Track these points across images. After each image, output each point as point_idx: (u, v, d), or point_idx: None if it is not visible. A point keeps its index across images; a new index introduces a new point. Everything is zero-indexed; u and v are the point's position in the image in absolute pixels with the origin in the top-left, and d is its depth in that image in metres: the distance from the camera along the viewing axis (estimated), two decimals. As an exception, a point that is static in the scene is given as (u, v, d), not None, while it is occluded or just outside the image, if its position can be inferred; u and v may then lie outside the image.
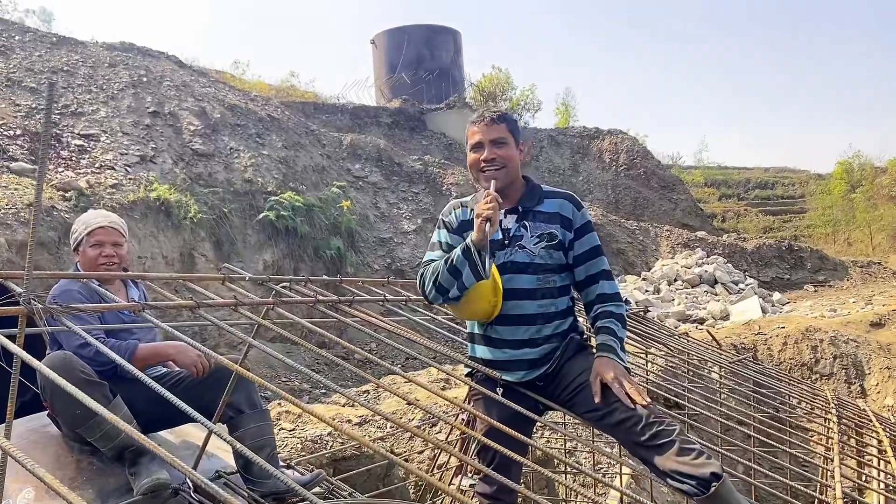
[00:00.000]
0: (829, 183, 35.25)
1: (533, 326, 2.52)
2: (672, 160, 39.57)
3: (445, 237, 2.62)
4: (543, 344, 2.53)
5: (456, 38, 32.67)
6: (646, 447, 2.18)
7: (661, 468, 2.14)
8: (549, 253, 2.53)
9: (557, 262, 2.56)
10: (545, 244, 2.53)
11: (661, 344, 4.52)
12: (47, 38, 16.73)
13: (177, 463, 1.36)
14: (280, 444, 7.08)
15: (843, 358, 9.71)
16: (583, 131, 29.64)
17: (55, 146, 12.42)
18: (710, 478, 2.04)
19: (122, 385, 2.71)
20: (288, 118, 18.82)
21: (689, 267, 17.86)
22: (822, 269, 20.46)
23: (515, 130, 2.61)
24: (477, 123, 2.59)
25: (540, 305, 2.53)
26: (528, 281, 2.52)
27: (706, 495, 2.04)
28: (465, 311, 2.57)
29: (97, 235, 2.93)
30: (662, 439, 2.14)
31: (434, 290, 2.50)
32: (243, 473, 2.75)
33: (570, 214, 2.58)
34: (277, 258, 13.87)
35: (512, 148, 2.57)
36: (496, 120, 2.56)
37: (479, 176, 2.58)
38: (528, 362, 2.53)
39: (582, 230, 2.59)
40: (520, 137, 2.63)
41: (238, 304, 2.02)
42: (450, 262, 2.44)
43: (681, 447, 2.12)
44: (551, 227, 2.55)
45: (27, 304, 1.54)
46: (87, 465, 2.70)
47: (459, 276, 2.43)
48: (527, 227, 2.55)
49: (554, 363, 2.51)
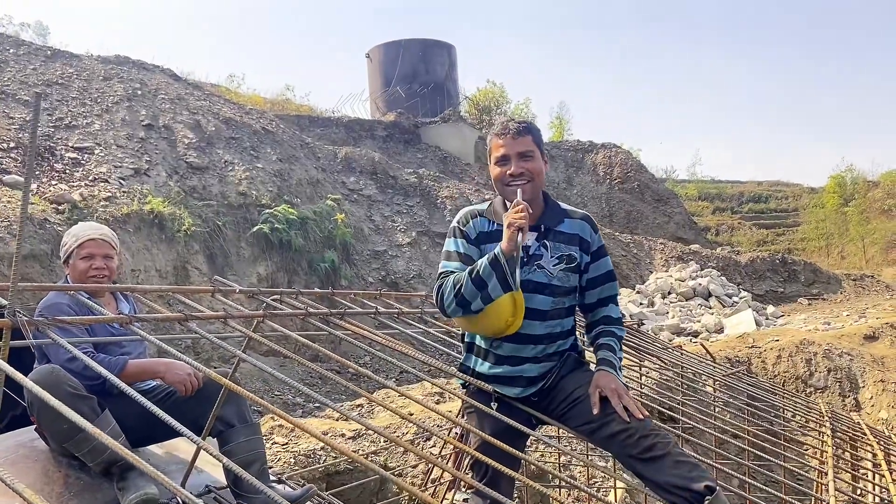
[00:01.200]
0: (821, 196, 35.45)
1: (539, 346, 2.49)
2: (666, 174, 39.77)
3: (464, 247, 2.51)
4: (544, 361, 2.51)
5: (450, 52, 32.81)
6: (640, 460, 2.16)
7: (655, 481, 2.13)
8: (566, 275, 2.48)
9: (573, 284, 2.51)
10: (564, 266, 2.48)
11: (654, 357, 4.51)
12: (42, 52, 16.74)
13: (164, 480, 1.34)
14: (273, 459, 7.03)
15: (838, 371, 9.71)
16: (577, 145, 29.78)
17: (49, 159, 12.40)
18: (703, 491, 2.03)
19: (111, 400, 2.68)
20: (283, 131, 18.84)
21: (682, 280, 17.89)
22: (816, 283, 20.52)
23: (540, 142, 2.53)
24: (502, 136, 2.48)
25: (548, 326, 2.49)
26: (543, 302, 2.46)
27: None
28: (478, 326, 2.48)
29: (87, 248, 2.91)
30: (656, 452, 2.13)
31: (455, 302, 2.38)
32: (233, 488, 2.73)
33: (588, 237, 2.53)
34: (271, 271, 13.84)
35: (539, 161, 2.49)
36: (522, 132, 2.47)
37: (504, 190, 2.48)
38: (527, 379, 2.50)
39: (597, 254, 2.55)
40: (543, 148, 2.55)
41: (227, 317, 2.00)
42: (475, 273, 2.34)
43: (675, 460, 2.11)
44: (571, 248, 2.49)
45: (12, 316, 1.52)
46: (76, 481, 2.66)
47: (485, 288, 2.33)
48: (547, 247, 2.48)
49: (551, 379, 2.50)
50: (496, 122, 2.63)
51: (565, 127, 37.93)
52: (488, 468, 2.29)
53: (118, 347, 2.96)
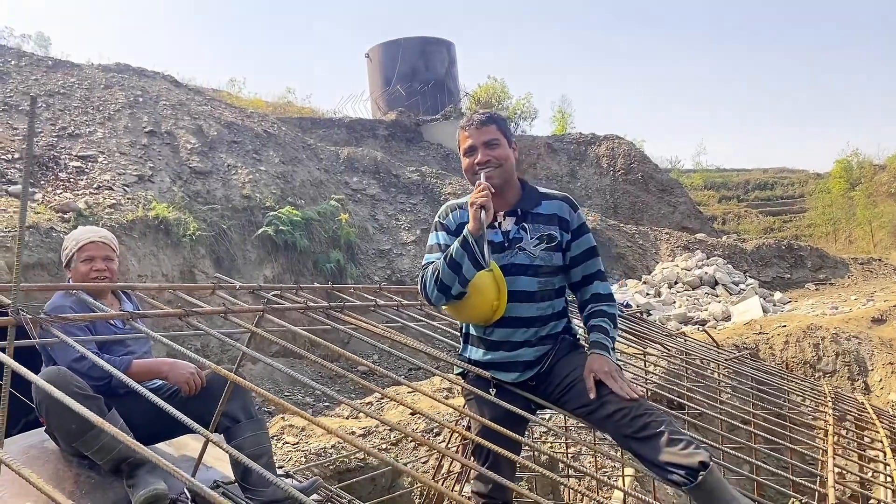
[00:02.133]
0: (828, 182, 35.28)
1: (531, 329, 2.52)
2: (671, 164, 39.67)
3: (444, 239, 2.58)
4: (538, 345, 2.53)
5: (450, 49, 32.81)
6: (635, 439, 2.19)
7: (651, 459, 2.15)
8: (549, 255, 2.52)
9: (556, 263, 2.55)
10: (545, 245, 2.52)
11: (658, 344, 4.53)
12: (43, 62, 16.84)
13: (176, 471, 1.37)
14: (284, 458, 7.08)
15: (846, 355, 9.69)
16: (579, 137, 29.72)
17: (53, 168, 12.48)
18: (698, 466, 2.05)
19: (117, 400, 2.72)
20: (285, 133, 18.90)
21: (689, 269, 17.87)
22: (823, 268, 20.45)
23: (506, 130, 2.60)
24: (467, 128, 2.57)
25: (539, 308, 2.53)
26: (529, 283, 2.51)
27: (694, 484, 2.05)
28: (464, 313, 2.54)
29: (88, 250, 2.95)
30: (651, 431, 2.15)
31: (436, 288, 2.45)
32: (241, 483, 2.76)
33: (567, 216, 2.58)
34: (278, 273, 13.90)
35: (505, 148, 2.55)
36: (486, 122, 2.55)
37: (474, 179, 2.54)
38: (523, 364, 2.53)
39: (578, 231, 2.59)
40: (511, 136, 2.61)
41: (228, 312, 2.03)
42: (449, 257, 2.42)
43: (670, 438, 2.13)
44: (550, 228, 2.54)
45: (15, 314, 1.56)
46: (86, 479, 2.70)
47: (460, 270, 2.39)
48: (526, 230, 2.54)
49: (546, 363, 2.52)
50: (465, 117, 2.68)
51: (568, 120, 37.89)
52: (489, 453, 2.32)
53: (122, 347, 3.00)
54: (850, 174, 34.59)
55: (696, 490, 2.06)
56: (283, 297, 2.55)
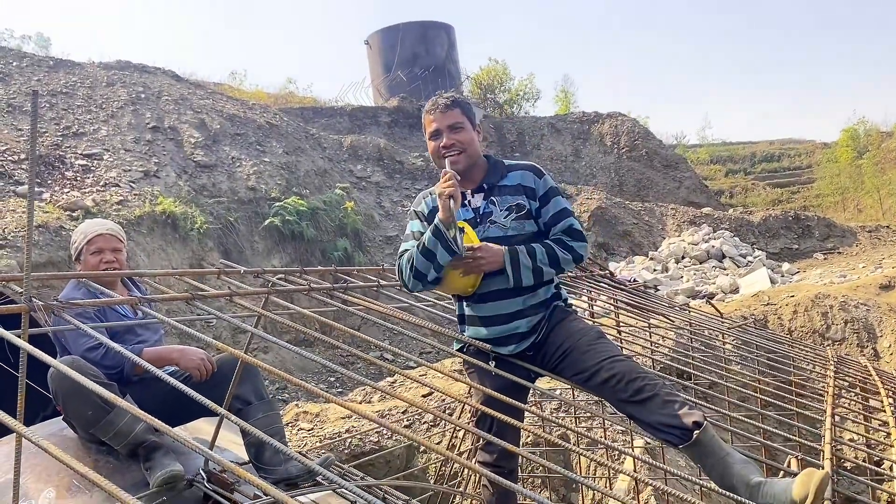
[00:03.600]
0: (835, 151, 34.99)
1: (518, 298, 2.58)
2: (676, 140, 39.44)
3: (418, 227, 2.67)
4: (531, 315, 2.59)
5: (449, 32, 32.65)
6: (631, 403, 2.25)
7: (647, 421, 2.21)
8: (520, 224, 2.60)
9: (530, 231, 2.62)
10: (515, 215, 2.60)
11: (662, 316, 4.57)
12: (45, 62, 16.91)
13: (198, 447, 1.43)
14: (299, 444, 7.18)
15: (854, 322, 9.70)
16: (582, 116, 29.57)
17: (59, 167, 12.58)
18: (692, 426, 2.11)
19: (130, 388, 2.80)
20: (287, 124, 18.93)
21: (695, 244, 17.85)
22: (831, 237, 20.38)
23: (470, 113, 2.68)
24: (432, 112, 2.65)
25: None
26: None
27: (689, 442, 2.11)
28: (448, 287, 2.64)
29: (96, 243, 3.02)
30: (646, 394, 2.21)
31: (412, 276, 2.56)
32: (255, 462, 2.83)
33: (532, 184, 2.65)
34: (286, 262, 13.99)
35: (469, 131, 2.63)
36: (450, 106, 2.63)
37: (440, 163, 2.65)
38: (518, 335, 2.59)
39: (546, 196, 2.65)
40: (475, 118, 2.69)
41: (233, 294, 2.09)
42: (422, 246, 2.51)
43: (663, 400, 2.19)
44: (518, 198, 2.62)
45: (28, 301, 1.62)
46: (105, 464, 2.78)
47: (434, 258, 2.49)
48: (495, 203, 2.62)
49: (541, 332, 2.58)
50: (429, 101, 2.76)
51: (571, 99, 37.68)
52: (493, 423, 2.39)
53: (134, 336, 3.07)
54: (858, 142, 34.28)
55: (692, 448, 2.12)
56: (287, 280, 2.60)
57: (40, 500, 2.62)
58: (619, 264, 17.55)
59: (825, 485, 1.91)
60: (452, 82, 30.41)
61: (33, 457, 2.66)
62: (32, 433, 2.53)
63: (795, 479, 1.96)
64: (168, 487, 2.56)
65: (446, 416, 1.87)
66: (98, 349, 2.75)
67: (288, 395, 10.57)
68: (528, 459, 2.15)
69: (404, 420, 7.61)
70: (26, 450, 2.37)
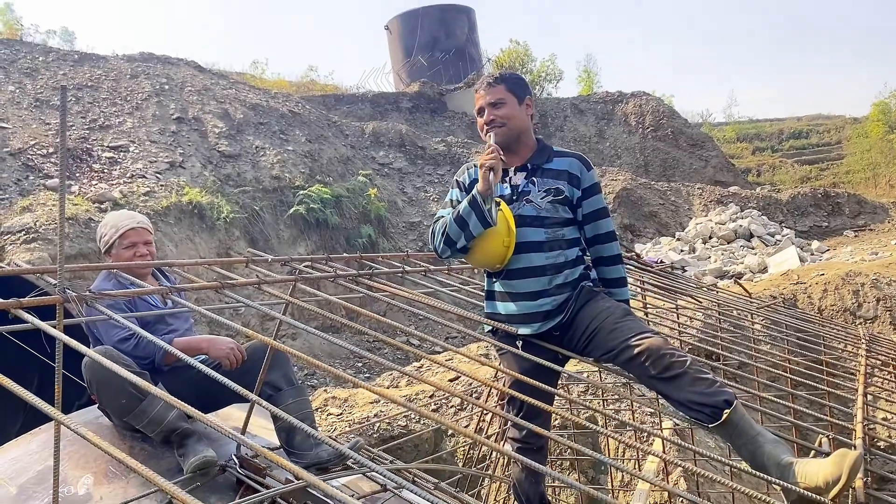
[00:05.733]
0: (865, 126, 34.25)
1: (544, 277, 2.61)
2: (702, 118, 38.90)
3: (457, 196, 2.73)
4: (556, 294, 2.61)
5: (470, 15, 32.43)
6: (660, 380, 2.24)
7: (677, 398, 2.21)
8: (554, 207, 2.62)
9: (564, 215, 2.65)
10: (551, 198, 2.63)
11: (689, 297, 4.54)
12: (70, 56, 17.11)
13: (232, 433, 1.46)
14: (329, 429, 7.27)
15: (887, 300, 9.53)
16: (606, 96, 29.27)
17: (87, 160, 12.76)
18: (722, 405, 2.10)
19: (161, 377, 2.85)
20: (309, 112, 18.99)
21: (723, 223, 17.64)
22: (861, 214, 20.00)
23: (517, 88, 2.71)
24: (479, 89, 2.74)
25: (548, 257, 2.62)
26: (536, 234, 2.61)
27: (719, 422, 2.10)
28: (478, 257, 2.67)
29: (129, 237, 3.06)
30: (675, 371, 2.21)
31: (442, 241, 2.63)
32: (286, 447, 2.87)
33: (578, 173, 2.68)
34: (311, 250, 14.09)
35: (512, 107, 2.67)
36: (494, 83, 2.69)
37: (484, 138, 2.70)
38: (543, 314, 2.61)
39: (590, 190, 2.69)
40: (524, 93, 2.71)
41: (261, 282, 2.12)
42: (457, 213, 2.57)
43: (693, 377, 2.18)
44: (558, 182, 2.65)
45: (62, 293, 1.66)
46: (140, 451, 2.84)
47: (466, 227, 2.54)
48: (535, 183, 2.65)
49: (568, 313, 2.59)
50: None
51: (594, 80, 37.31)
52: (522, 403, 2.40)
53: (164, 326, 3.12)
54: (889, 116, 33.53)
55: (722, 427, 2.11)
56: (313, 267, 2.63)
57: (78, 486, 2.69)
58: (645, 246, 17.41)
59: (858, 465, 1.89)
60: (474, 65, 30.25)
61: (70, 444, 2.72)
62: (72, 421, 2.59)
63: (828, 458, 1.94)
64: (201, 473, 2.60)
65: (473, 399, 1.88)
66: (130, 340, 2.80)
67: (317, 381, 10.68)
68: (556, 442, 2.15)
69: (432, 404, 7.66)
70: (64, 437, 2.43)
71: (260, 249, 13.70)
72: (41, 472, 2.69)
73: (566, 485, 4.21)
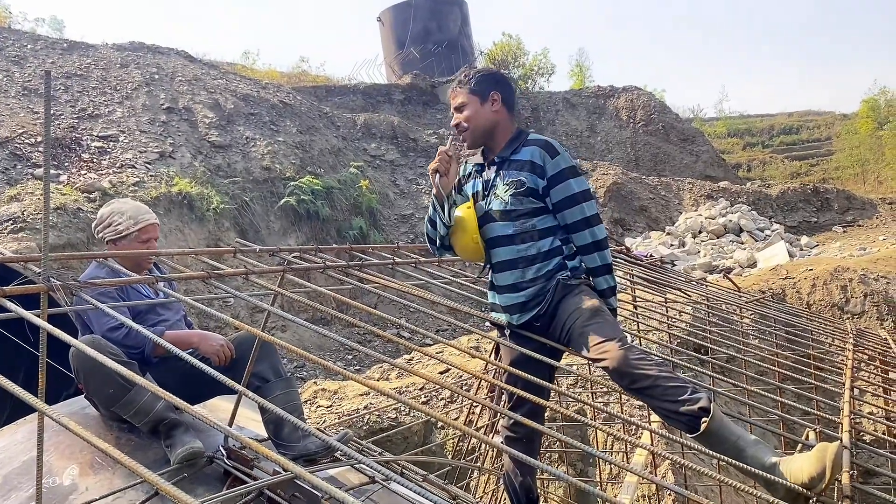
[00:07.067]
0: (854, 122, 34.42)
1: (517, 270, 2.62)
2: (693, 113, 39.00)
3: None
4: (528, 287, 2.61)
5: (462, 7, 32.31)
6: (632, 391, 2.23)
7: (653, 408, 2.20)
8: (518, 199, 2.61)
9: (530, 206, 2.61)
10: (513, 191, 2.62)
11: (678, 290, 4.55)
12: (58, 45, 16.96)
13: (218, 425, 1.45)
14: (318, 421, 7.26)
15: (874, 295, 9.60)
16: (598, 91, 29.28)
17: (76, 149, 12.66)
18: (698, 413, 2.09)
19: (150, 368, 2.83)
20: (301, 103, 18.90)
21: (713, 218, 17.70)
22: (851, 209, 20.12)
23: (480, 87, 2.70)
24: (450, 90, 2.81)
25: (519, 250, 2.62)
26: (504, 227, 2.64)
27: (699, 433, 2.09)
28: (459, 252, 2.80)
29: (148, 232, 3.07)
30: (642, 383, 2.19)
31: (428, 240, 2.82)
32: (274, 439, 2.86)
33: (541, 161, 2.60)
34: (302, 242, 14.05)
35: (473, 108, 2.69)
36: (457, 86, 2.75)
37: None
38: (519, 305, 2.64)
39: (557, 178, 2.60)
40: (488, 90, 2.68)
41: (249, 273, 2.10)
42: (427, 216, 2.77)
43: (665, 387, 2.16)
44: (521, 174, 2.62)
45: (46, 281, 1.64)
46: (126, 441, 2.82)
47: (435, 226, 2.73)
48: (501, 176, 2.67)
49: (545, 305, 2.57)
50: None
51: (585, 74, 37.28)
52: (512, 395, 2.41)
53: (155, 317, 3.10)
54: (878, 113, 33.69)
55: (702, 437, 2.10)
56: (303, 258, 2.61)
57: (64, 476, 2.67)
58: (635, 240, 17.45)
59: (840, 457, 1.89)
60: (466, 58, 30.15)
61: (56, 435, 2.70)
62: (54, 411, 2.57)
63: (809, 454, 1.93)
64: (189, 464, 2.59)
65: (463, 391, 1.88)
66: (120, 329, 2.79)
67: (306, 373, 10.66)
68: (545, 434, 2.15)
69: (422, 396, 7.67)
70: (49, 428, 2.41)
71: (250, 241, 13.67)
72: (26, 463, 2.67)
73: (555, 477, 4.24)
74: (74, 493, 2.50)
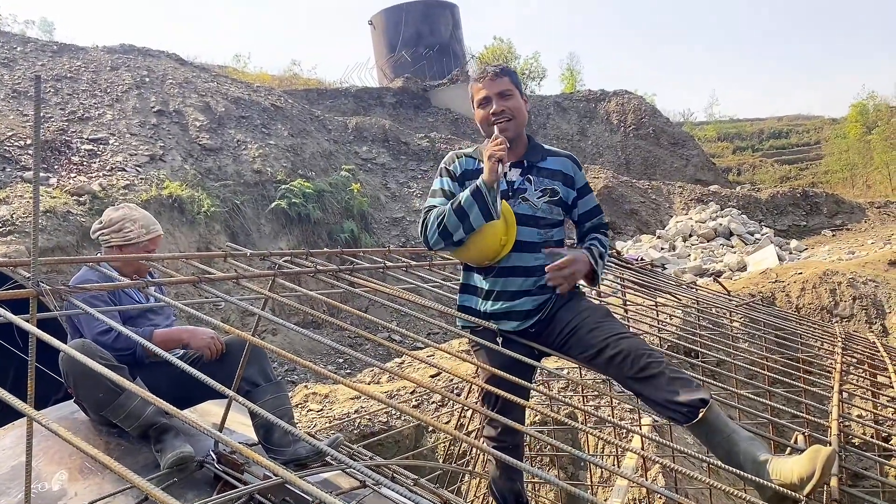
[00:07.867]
0: (843, 127, 34.70)
1: (531, 278, 2.58)
2: (683, 117, 39.24)
3: (448, 185, 2.64)
4: (538, 294, 2.58)
5: (454, 11, 32.41)
6: (636, 380, 2.25)
7: (653, 399, 2.21)
8: (550, 207, 2.60)
9: (557, 217, 2.64)
10: (548, 199, 2.60)
11: (668, 294, 4.57)
12: (48, 47, 16.88)
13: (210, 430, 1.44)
14: (309, 425, 7.24)
15: (863, 298, 9.66)
16: (588, 95, 29.40)
17: (65, 152, 12.59)
18: (697, 403, 2.11)
19: (141, 370, 2.82)
20: (292, 106, 18.88)
21: (703, 221, 17.78)
22: (839, 213, 20.27)
23: (518, 83, 2.67)
24: (481, 80, 2.62)
25: (537, 258, 2.58)
26: (530, 234, 2.57)
27: (695, 421, 2.11)
28: (471, 252, 2.58)
29: (156, 243, 3.09)
30: (651, 371, 2.21)
31: (437, 233, 2.52)
32: (264, 444, 2.85)
33: (572, 173, 2.67)
34: (293, 245, 14.03)
35: (518, 99, 2.62)
36: (499, 74, 2.61)
37: (488, 130, 2.61)
38: (524, 313, 2.59)
39: (584, 190, 2.70)
40: (522, 89, 2.67)
41: (240, 277, 2.10)
42: (457, 204, 2.46)
43: (669, 377, 2.19)
44: (554, 183, 2.62)
45: (35, 285, 1.63)
46: (116, 446, 2.81)
47: (466, 218, 2.44)
48: (531, 181, 2.61)
49: (547, 311, 2.58)
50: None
51: (577, 78, 37.46)
52: (497, 399, 2.40)
53: (146, 321, 3.09)
54: (867, 118, 33.97)
55: (698, 426, 2.12)
56: (293, 262, 2.61)
57: (53, 482, 2.65)
58: (626, 243, 17.51)
59: (832, 461, 1.91)
60: (457, 62, 30.23)
61: (45, 440, 2.69)
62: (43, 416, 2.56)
63: (802, 455, 1.96)
64: (179, 469, 2.58)
65: (454, 396, 1.88)
66: (111, 332, 2.77)
67: (297, 377, 10.63)
68: (536, 438, 2.16)
69: (413, 400, 7.66)
70: (38, 433, 2.39)
71: (241, 244, 13.67)
72: (15, 468, 2.65)
73: (545, 481, 4.25)
74: (63, 499, 2.48)
